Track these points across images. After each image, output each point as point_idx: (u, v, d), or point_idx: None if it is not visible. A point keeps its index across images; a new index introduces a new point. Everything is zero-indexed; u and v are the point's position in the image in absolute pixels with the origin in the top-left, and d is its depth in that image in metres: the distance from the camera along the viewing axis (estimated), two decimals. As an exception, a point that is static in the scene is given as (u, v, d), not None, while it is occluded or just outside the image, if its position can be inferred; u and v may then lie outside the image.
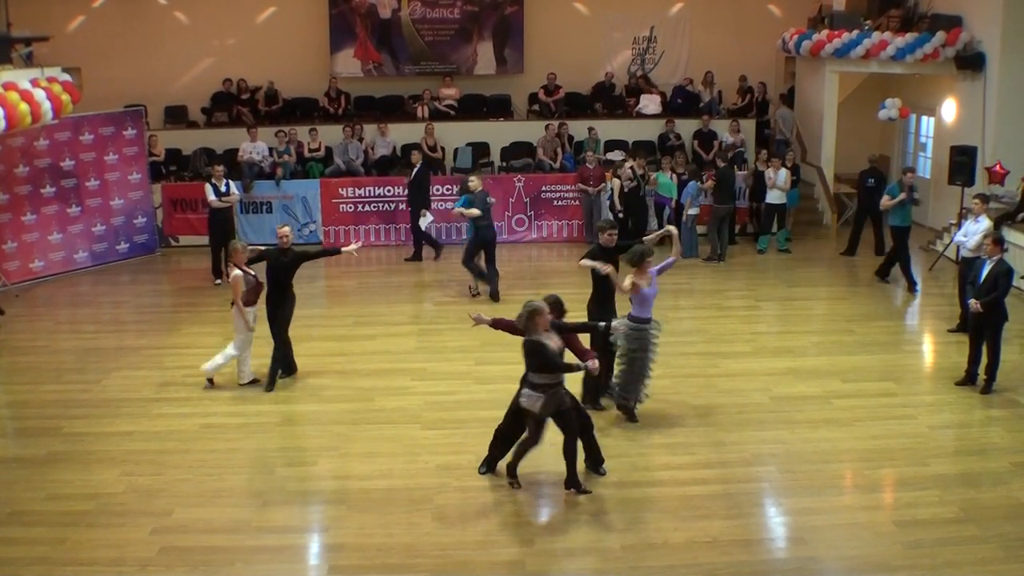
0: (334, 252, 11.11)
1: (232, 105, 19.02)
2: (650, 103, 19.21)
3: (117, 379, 10.90)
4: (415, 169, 15.83)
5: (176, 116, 19.34)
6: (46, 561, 7.13)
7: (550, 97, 19.39)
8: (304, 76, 19.45)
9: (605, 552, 7.23)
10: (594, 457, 8.32)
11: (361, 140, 17.86)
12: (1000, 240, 10.16)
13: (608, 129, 18.63)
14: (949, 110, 17.23)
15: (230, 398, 10.09)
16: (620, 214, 16.32)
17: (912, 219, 14.35)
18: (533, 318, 7.73)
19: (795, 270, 15.40)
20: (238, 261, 10.17)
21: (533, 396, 7.75)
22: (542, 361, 7.69)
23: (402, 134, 18.26)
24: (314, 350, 11.38)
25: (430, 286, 14.65)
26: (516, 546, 7.33)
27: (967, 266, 11.64)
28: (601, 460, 8.33)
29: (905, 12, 17.67)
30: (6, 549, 7.28)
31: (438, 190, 17.18)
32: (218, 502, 8.01)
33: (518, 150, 18.35)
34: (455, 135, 18.31)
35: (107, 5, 19.35)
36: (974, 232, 11.71)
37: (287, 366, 10.68)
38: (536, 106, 19.67)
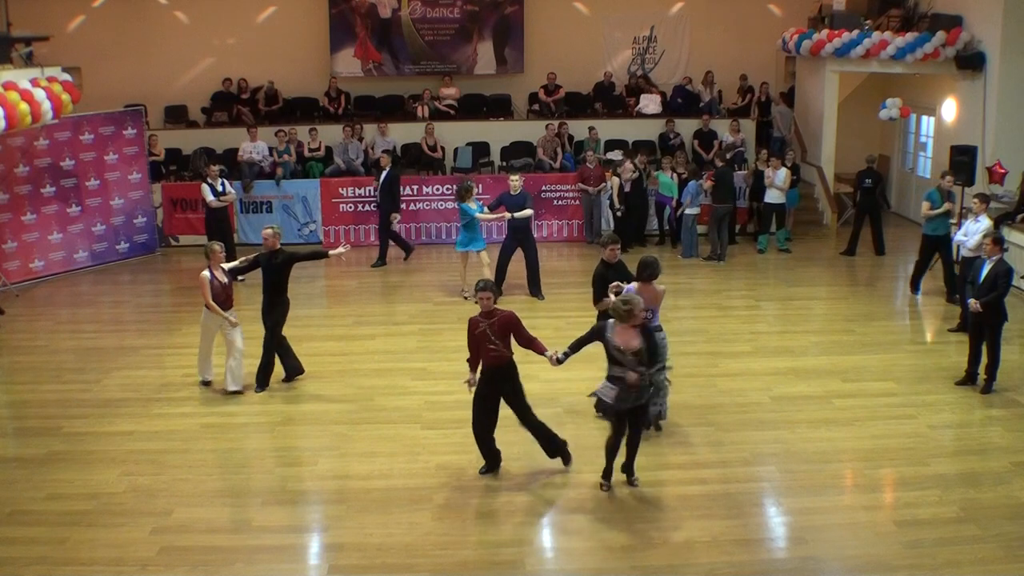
0: (323, 255, 10.83)
1: (232, 105, 19.03)
2: (650, 103, 19.21)
3: (117, 379, 10.90)
4: (384, 172, 15.58)
5: (176, 116, 19.35)
6: (46, 561, 7.13)
7: (550, 97, 19.40)
8: (304, 76, 19.47)
9: (605, 551, 7.23)
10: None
11: (361, 140, 17.86)
12: (1000, 240, 10.17)
13: (608, 129, 18.63)
14: (949, 110, 17.23)
15: (230, 398, 10.08)
16: (620, 212, 16.36)
17: (948, 228, 13.32)
18: (633, 312, 7.71)
19: (795, 270, 15.40)
20: (213, 263, 10.08)
21: (608, 388, 7.83)
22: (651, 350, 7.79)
23: (402, 134, 18.28)
24: (314, 350, 11.38)
25: (430, 286, 14.65)
26: (516, 546, 7.33)
27: (967, 266, 11.65)
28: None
29: (905, 12, 17.69)
30: (6, 549, 7.29)
31: (437, 189, 17.22)
32: (218, 502, 8.02)
33: (518, 150, 18.36)
34: (455, 135, 18.32)
35: (107, 5, 19.35)
36: (974, 232, 11.71)
37: (290, 369, 10.53)
38: (536, 106, 19.67)
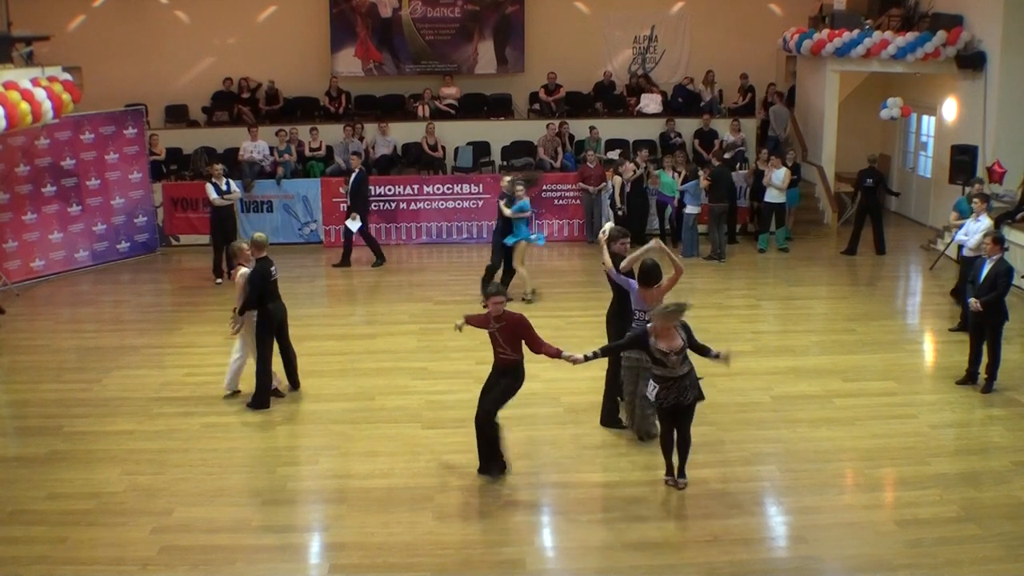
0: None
1: (233, 104, 19.02)
2: (651, 102, 19.21)
3: (118, 378, 10.91)
4: (354, 174, 15.46)
5: (177, 115, 19.34)
6: (47, 560, 7.13)
7: (551, 96, 19.39)
8: (305, 75, 19.45)
9: (606, 550, 7.23)
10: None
11: (362, 139, 17.87)
12: (1000, 239, 10.17)
13: (609, 128, 18.63)
14: (950, 109, 17.23)
15: (230, 398, 10.08)
16: (621, 211, 16.35)
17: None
18: (681, 313, 7.78)
19: (796, 269, 15.40)
20: (243, 260, 9.93)
21: (651, 386, 7.92)
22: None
23: (403, 133, 18.29)
24: (315, 349, 11.38)
25: (431, 285, 14.65)
26: (516, 545, 7.32)
27: (967, 265, 11.64)
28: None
29: (906, 11, 17.69)
30: (7, 548, 7.28)
31: (438, 189, 17.24)
32: (219, 501, 8.02)
33: (519, 149, 18.36)
34: (456, 134, 18.32)
35: (108, 4, 19.34)
36: (975, 231, 11.71)
37: (292, 380, 10.36)
38: (537, 105, 19.67)
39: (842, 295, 14.10)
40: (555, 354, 8.02)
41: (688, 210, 15.96)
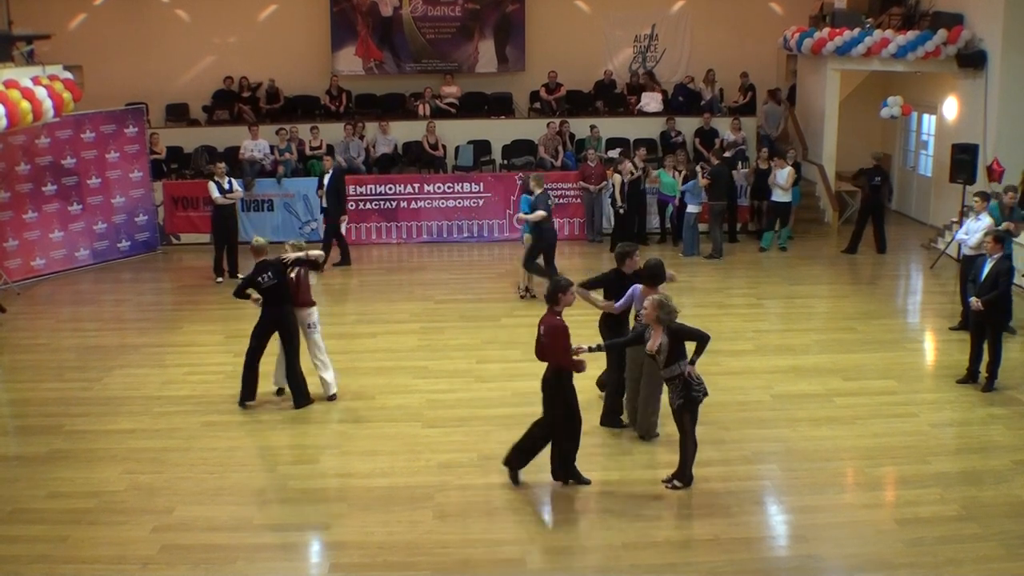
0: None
1: (233, 103, 19.02)
2: (651, 101, 19.20)
3: (118, 377, 10.91)
4: (329, 174, 15.27)
5: (177, 114, 19.34)
6: (47, 559, 7.13)
7: (551, 95, 19.39)
8: (305, 74, 19.45)
9: (606, 550, 7.23)
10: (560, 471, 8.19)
11: (362, 138, 17.88)
12: (1001, 238, 10.16)
13: (609, 127, 18.61)
14: (950, 108, 17.22)
15: (231, 396, 10.08)
16: (621, 210, 16.35)
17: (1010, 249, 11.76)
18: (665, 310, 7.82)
19: (797, 268, 15.39)
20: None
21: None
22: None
23: (403, 132, 18.28)
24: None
25: (431, 284, 14.66)
26: (517, 544, 7.32)
27: (968, 264, 11.63)
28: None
29: (906, 10, 17.68)
30: (7, 547, 7.28)
31: (438, 188, 17.24)
32: (219, 500, 8.01)
33: (519, 148, 18.36)
34: (456, 133, 18.31)
35: (108, 3, 19.34)
36: (975, 230, 11.70)
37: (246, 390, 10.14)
38: (537, 104, 19.66)
39: (843, 294, 14.09)
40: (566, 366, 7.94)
41: (689, 209, 15.95)
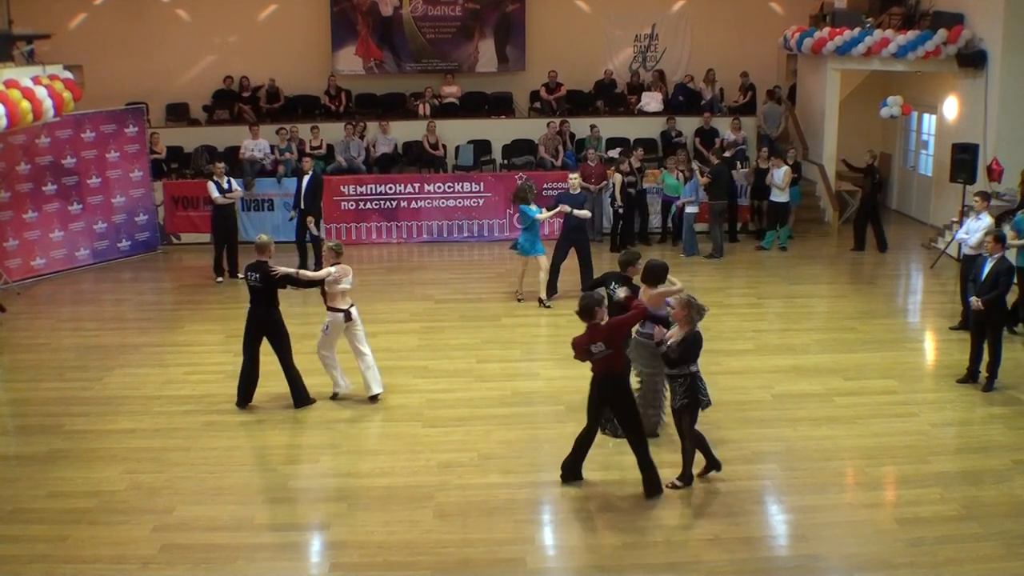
0: None
1: (233, 103, 19.02)
2: (651, 101, 19.20)
3: (119, 377, 10.91)
4: (308, 176, 14.92)
5: (177, 113, 19.34)
6: (47, 559, 7.13)
7: (551, 95, 19.38)
8: (305, 74, 19.44)
9: (607, 549, 7.23)
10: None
11: (363, 138, 17.88)
12: (1001, 238, 10.16)
13: (609, 127, 18.61)
14: (951, 108, 17.22)
15: (231, 396, 10.08)
16: (621, 209, 16.36)
17: None
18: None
19: (797, 268, 15.39)
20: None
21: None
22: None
23: (403, 132, 18.28)
24: (314, 348, 11.34)
25: (431, 284, 14.65)
26: (517, 544, 7.32)
27: (969, 264, 11.63)
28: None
29: (907, 10, 17.67)
30: (7, 547, 7.28)
31: (438, 187, 17.25)
32: (219, 499, 8.02)
33: (519, 148, 18.36)
34: (456, 133, 18.31)
35: (109, 2, 19.33)
36: (975, 230, 11.68)
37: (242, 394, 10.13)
38: (537, 104, 19.66)
39: (843, 293, 14.09)
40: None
41: (688, 209, 15.95)
